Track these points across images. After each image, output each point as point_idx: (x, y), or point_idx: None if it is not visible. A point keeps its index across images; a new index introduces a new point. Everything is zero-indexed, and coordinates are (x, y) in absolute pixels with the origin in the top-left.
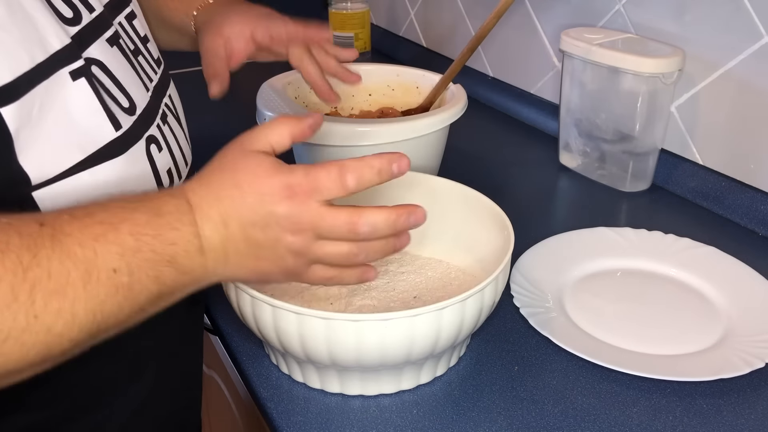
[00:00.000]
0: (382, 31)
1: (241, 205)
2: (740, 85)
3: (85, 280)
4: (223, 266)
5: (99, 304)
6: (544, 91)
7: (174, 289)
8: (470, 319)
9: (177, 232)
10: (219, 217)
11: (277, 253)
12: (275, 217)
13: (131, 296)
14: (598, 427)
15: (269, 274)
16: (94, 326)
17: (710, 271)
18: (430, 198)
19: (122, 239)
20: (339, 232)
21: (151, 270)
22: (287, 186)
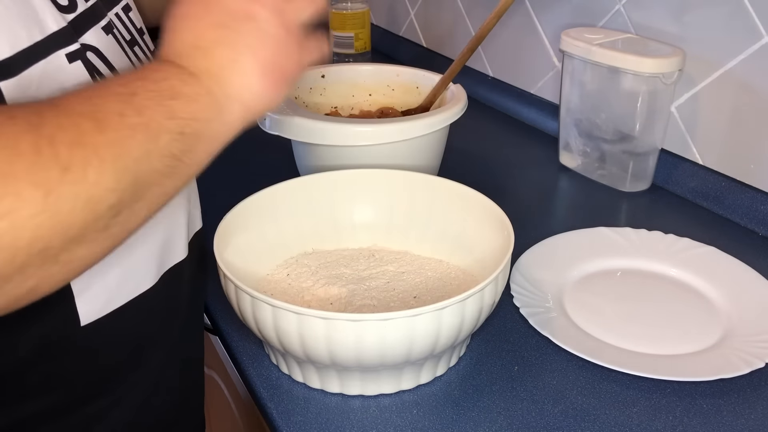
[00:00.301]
0: (382, 31)
1: (198, 22)
2: (740, 85)
3: (98, 128)
4: (228, 82)
5: (122, 147)
6: (544, 91)
7: (196, 124)
8: (470, 319)
9: (161, 71)
10: (189, 47)
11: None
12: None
13: (151, 136)
14: (598, 427)
15: (275, 60)
16: (128, 174)
17: (710, 271)
18: (430, 198)
19: (115, 89)
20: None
21: (159, 106)
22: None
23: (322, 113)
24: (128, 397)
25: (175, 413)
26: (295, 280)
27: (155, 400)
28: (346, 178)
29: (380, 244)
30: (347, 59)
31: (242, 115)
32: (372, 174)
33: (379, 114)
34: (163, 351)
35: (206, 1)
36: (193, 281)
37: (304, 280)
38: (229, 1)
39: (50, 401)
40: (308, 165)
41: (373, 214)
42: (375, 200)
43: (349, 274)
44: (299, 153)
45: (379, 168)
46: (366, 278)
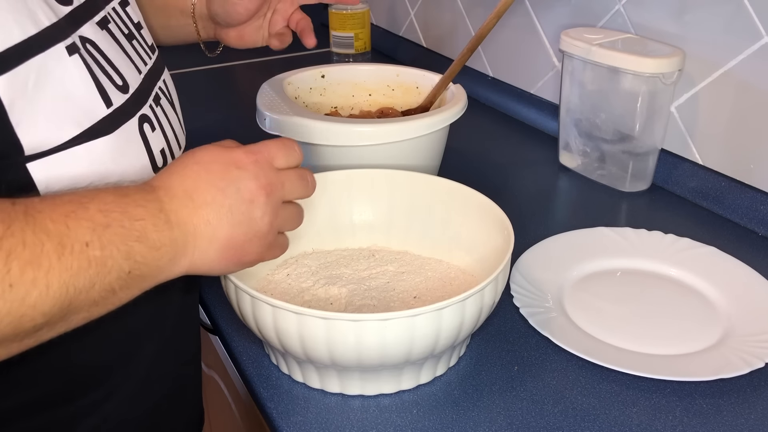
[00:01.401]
0: (382, 31)
1: (206, 176)
2: (740, 85)
3: (59, 251)
4: (194, 241)
5: (72, 276)
6: (544, 91)
7: (145, 269)
8: (470, 319)
9: (143, 208)
10: (184, 193)
11: (251, 218)
12: (245, 180)
13: (103, 272)
14: (598, 427)
15: (242, 246)
16: (66, 300)
17: (710, 271)
18: (431, 198)
19: (92, 215)
20: (300, 185)
21: (122, 245)
22: (248, 152)
23: (322, 113)
24: (118, 391)
25: (168, 407)
26: (295, 280)
27: (147, 393)
28: (346, 178)
29: (380, 244)
30: (347, 59)
31: (184, 270)
32: (372, 174)
33: (379, 114)
34: (154, 345)
35: (228, 164)
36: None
37: (304, 280)
38: (246, 178)
39: (38, 394)
40: (308, 165)
41: (373, 214)
42: (375, 200)
43: (349, 274)
44: None
45: (379, 168)
46: (366, 278)
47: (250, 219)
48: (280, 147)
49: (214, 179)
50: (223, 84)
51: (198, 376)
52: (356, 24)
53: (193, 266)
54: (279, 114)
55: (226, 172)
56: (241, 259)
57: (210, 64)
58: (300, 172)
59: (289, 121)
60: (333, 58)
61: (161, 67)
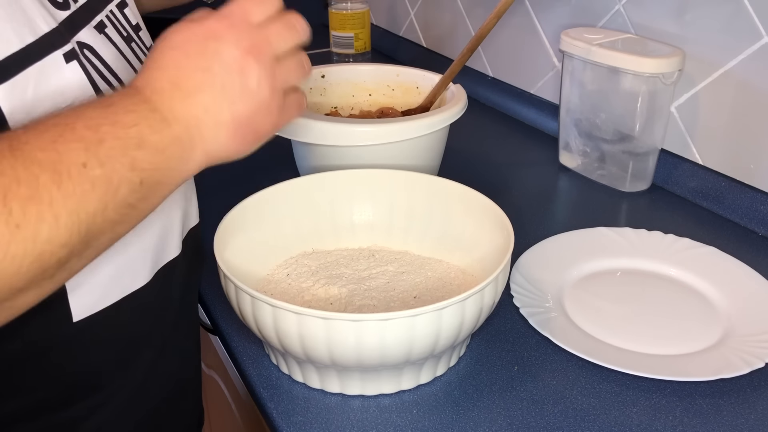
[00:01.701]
0: (382, 31)
1: (185, 60)
2: (740, 85)
3: (56, 180)
4: (198, 131)
5: (78, 202)
6: (544, 91)
7: (157, 174)
8: (470, 319)
9: (133, 113)
10: (170, 84)
11: (248, 87)
12: (227, 50)
13: (111, 189)
14: (598, 427)
15: (251, 118)
16: (82, 227)
17: (710, 271)
18: (431, 198)
19: (81, 134)
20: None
21: (123, 156)
22: (220, 18)
23: (322, 113)
24: (117, 395)
25: (167, 409)
26: (295, 280)
27: (146, 397)
28: (346, 178)
29: (380, 244)
30: (347, 59)
31: (202, 163)
32: (372, 174)
33: (379, 114)
34: (154, 347)
35: (203, 39)
36: (187, 277)
37: (304, 280)
38: (227, 47)
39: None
40: (308, 165)
41: (373, 214)
42: (375, 200)
43: (349, 274)
44: (299, 153)
45: (379, 168)
46: (366, 278)
47: (246, 90)
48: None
49: (196, 60)
50: None
51: (198, 377)
52: (356, 24)
53: (209, 156)
54: None
55: (204, 48)
56: (256, 133)
57: None
58: (284, 20)
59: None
60: (333, 58)
61: None
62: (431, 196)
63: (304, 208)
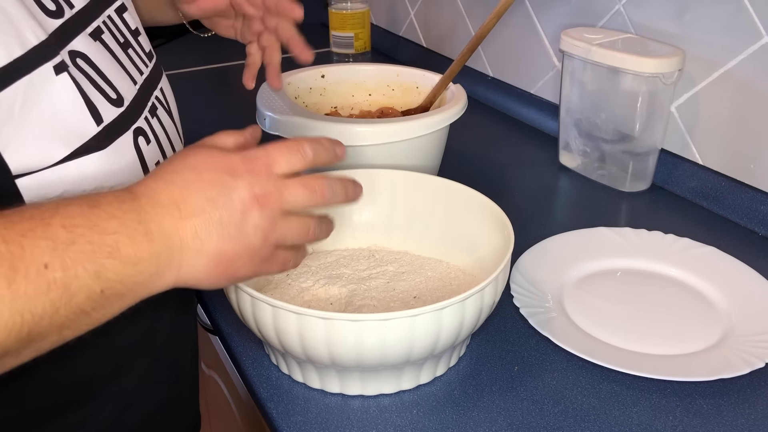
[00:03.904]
0: (382, 31)
1: (196, 184)
2: (740, 85)
3: (10, 277)
4: (179, 254)
5: (27, 303)
6: (544, 91)
7: (121, 287)
8: (470, 319)
9: (116, 220)
10: (170, 201)
11: (244, 231)
12: (238, 189)
13: (68, 294)
14: (598, 427)
15: (233, 260)
16: (23, 329)
17: (710, 271)
18: (431, 198)
19: (53, 232)
20: (305, 196)
21: (89, 263)
22: (245, 158)
23: (322, 113)
24: (110, 404)
25: (162, 416)
26: (295, 280)
27: (139, 405)
28: None
29: (380, 244)
30: (347, 59)
31: (170, 284)
32: (372, 174)
33: (379, 114)
34: (149, 355)
35: (222, 172)
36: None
37: (304, 280)
38: (240, 187)
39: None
40: None
41: (373, 214)
42: (375, 200)
43: (349, 274)
44: None
45: (379, 168)
46: (366, 278)
47: (241, 232)
48: (283, 151)
49: (205, 188)
50: (223, 84)
51: (195, 385)
52: (356, 24)
53: (178, 280)
54: (279, 114)
55: (218, 180)
56: (232, 274)
57: (210, 64)
58: (305, 181)
59: (289, 121)
60: (333, 58)
61: (158, 75)
62: (431, 196)
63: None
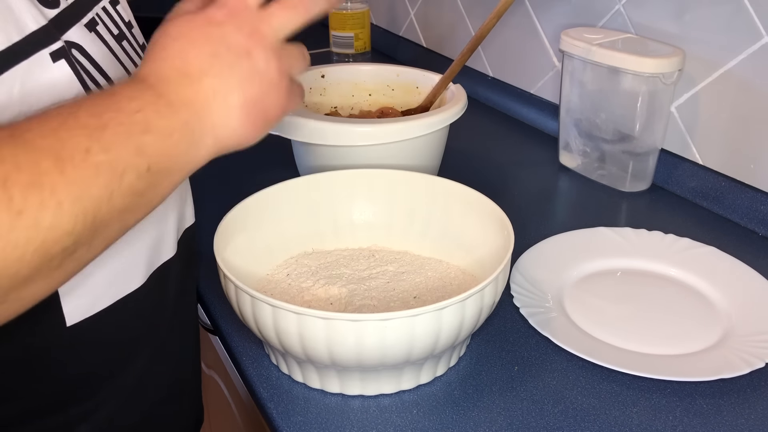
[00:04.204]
0: (382, 31)
1: (190, 47)
2: (740, 85)
3: (59, 167)
4: (209, 115)
5: (82, 188)
6: (544, 91)
7: (165, 160)
8: (470, 319)
9: (137, 100)
10: (176, 72)
11: (257, 69)
12: (231, 35)
13: (116, 175)
14: (598, 427)
15: (261, 100)
16: (88, 215)
17: (710, 271)
18: (430, 198)
19: (84, 122)
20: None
21: (128, 142)
22: (218, 6)
23: (322, 113)
24: (111, 399)
25: (163, 412)
26: (295, 280)
27: (140, 400)
28: (346, 178)
29: (380, 244)
30: (347, 59)
31: (213, 150)
32: (372, 174)
33: (379, 114)
34: (150, 350)
35: (205, 26)
36: (182, 278)
37: (304, 280)
38: (230, 32)
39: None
40: (308, 165)
41: (373, 214)
42: (375, 200)
43: (349, 274)
44: (299, 153)
45: (379, 168)
46: (366, 278)
47: (255, 71)
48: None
49: (201, 47)
50: None
51: (197, 379)
52: (356, 24)
53: (219, 143)
54: None
55: (207, 35)
56: (266, 115)
57: None
58: (283, 2)
59: (289, 121)
60: (333, 58)
61: None
62: (431, 196)
63: (304, 208)
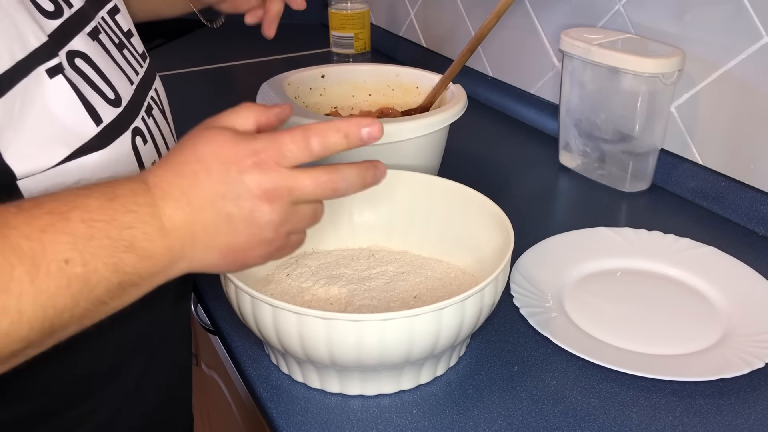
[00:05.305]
0: (382, 31)
1: (205, 178)
2: (740, 85)
3: (33, 274)
4: (192, 247)
5: (50, 298)
6: (544, 91)
7: (137, 278)
8: (470, 319)
9: (133, 214)
10: (181, 194)
11: (255, 225)
12: (245, 185)
13: (87, 288)
14: (598, 427)
15: (245, 250)
16: (46, 323)
17: (710, 271)
18: (431, 198)
19: (73, 228)
20: (315, 191)
21: (108, 258)
22: (253, 152)
23: (322, 113)
24: (109, 402)
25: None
26: (295, 280)
27: (138, 404)
28: None
29: (380, 244)
30: (347, 59)
31: (183, 271)
32: None
33: (379, 114)
34: (145, 357)
35: (230, 163)
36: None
37: (304, 280)
38: (248, 182)
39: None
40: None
41: (373, 214)
42: (375, 200)
43: (349, 274)
44: None
45: None
46: (366, 278)
47: (252, 226)
48: (291, 141)
49: (213, 183)
50: (223, 84)
51: (189, 384)
52: (356, 24)
53: (191, 268)
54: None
55: (226, 174)
56: (245, 262)
57: (210, 64)
58: (314, 174)
59: (289, 122)
60: (333, 58)
61: (152, 76)
62: (431, 196)
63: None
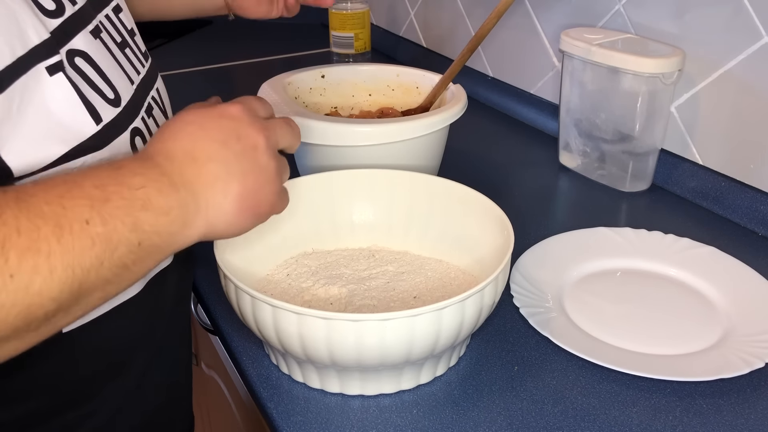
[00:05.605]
0: (382, 31)
1: (201, 132)
2: (740, 85)
3: (58, 234)
4: (205, 199)
5: (76, 257)
6: (544, 91)
7: (157, 237)
8: (470, 319)
9: (142, 176)
10: (183, 153)
11: (259, 163)
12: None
13: (110, 248)
14: (598, 427)
15: (257, 194)
16: (75, 283)
17: (710, 271)
18: (430, 198)
19: (88, 192)
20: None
21: (127, 217)
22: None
23: (322, 113)
24: (109, 403)
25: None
26: (295, 280)
27: (138, 405)
28: (346, 178)
29: (380, 244)
30: (347, 59)
31: (202, 232)
32: (372, 174)
33: (379, 114)
34: (147, 356)
35: (219, 117)
36: (178, 284)
37: (304, 280)
38: (243, 125)
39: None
40: (308, 165)
41: (373, 214)
42: (375, 200)
43: (349, 274)
44: (299, 153)
45: (379, 168)
46: (366, 278)
47: (257, 165)
48: (256, 99)
49: (212, 134)
50: (223, 84)
51: (189, 384)
52: (356, 24)
53: (209, 226)
54: (279, 114)
55: (220, 124)
56: (257, 209)
57: (210, 64)
58: (284, 119)
59: None
60: (333, 58)
61: (154, 76)
62: (431, 196)
63: (303, 208)
